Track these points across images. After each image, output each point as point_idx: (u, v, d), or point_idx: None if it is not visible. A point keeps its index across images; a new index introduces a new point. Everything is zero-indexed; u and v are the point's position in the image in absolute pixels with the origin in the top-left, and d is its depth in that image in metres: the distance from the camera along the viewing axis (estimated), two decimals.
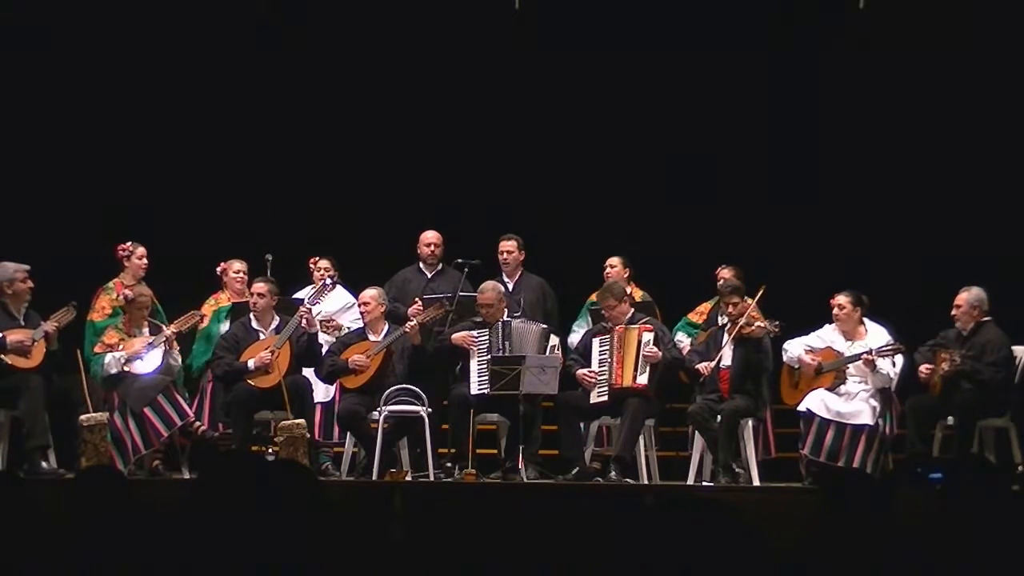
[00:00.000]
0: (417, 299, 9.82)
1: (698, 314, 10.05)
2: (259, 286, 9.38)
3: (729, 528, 3.06)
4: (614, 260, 10.10)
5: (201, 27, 11.47)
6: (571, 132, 11.88)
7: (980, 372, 9.00)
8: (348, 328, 9.80)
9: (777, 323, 9.20)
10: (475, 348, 9.29)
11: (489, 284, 9.58)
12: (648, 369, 9.12)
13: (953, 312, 9.21)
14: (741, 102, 11.73)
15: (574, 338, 9.97)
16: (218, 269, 10.12)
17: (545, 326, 9.52)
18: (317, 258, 10.13)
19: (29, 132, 11.49)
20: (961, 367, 8.97)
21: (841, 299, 9.20)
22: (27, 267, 9.09)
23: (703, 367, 9.19)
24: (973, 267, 9.80)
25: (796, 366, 9.27)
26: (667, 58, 11.64)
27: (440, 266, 10.25)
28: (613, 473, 9.00)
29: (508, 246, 10.15)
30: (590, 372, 9.29)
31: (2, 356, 8.84)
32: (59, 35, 11.42)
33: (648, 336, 9.19)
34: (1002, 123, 11.26)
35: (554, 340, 9.41)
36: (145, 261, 9.66)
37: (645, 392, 9.13)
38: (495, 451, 9.56)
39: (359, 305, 9.48)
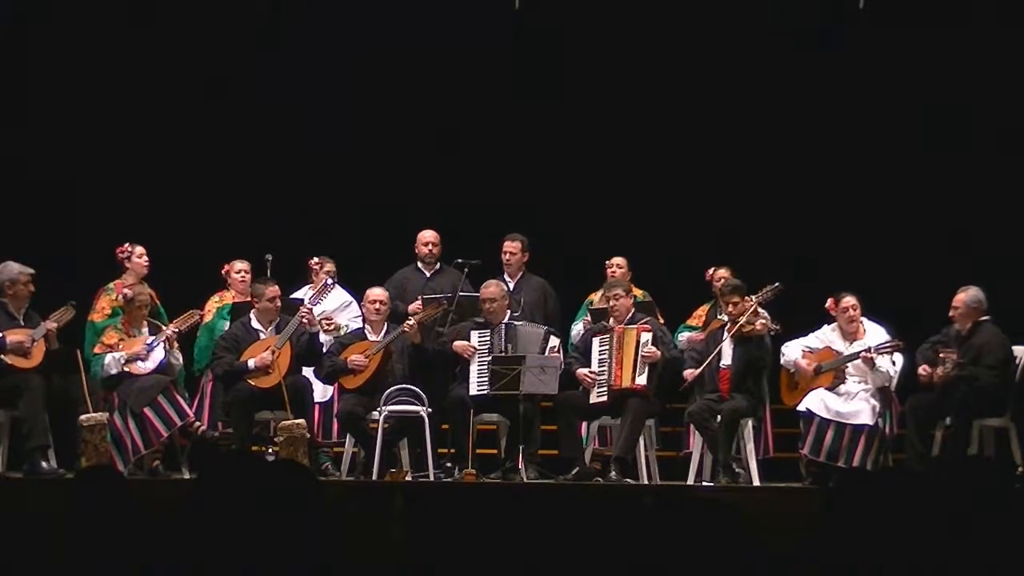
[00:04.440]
0: (420, 297, 9.85)
1: (696, 318, 10.06)
2: (274, 289, 9.35)
3: (729, 528, 3.05)
4: (620, 260, 10.10)
5: (199, 26, 11.46)
6: (571, 132, 11.87)
7: (978, 377, 8.99)
8: (346, 327, 9.80)
9: (777, 325, 9.22)
10: (476, 354, 9.29)
11: (492, 281, 9.61)
12: (647, 369, 9.13)
13: (951, 313, 9.20)
14: (741, 102, 11.72)
15: (576, 331, 9.98)
16: (223, 271, 10.15)
17: (547, 327, 9.51)
18: (320, 259, 10.13)
19: (29, 132, 11.50)
20: (959, 373, 8.96)
21: (852, 300, 9.20)
22: (31, 271, 9.09)
23: (688, 374, 9.19)
24: (973, 267, 9.80)
25: (792, 370, 9.28)
26: (666, 58, 11.64)
27: (438, 265, 10.25)
28: (613, 473, 9.00)
29: (512, 246, 10.14)
30: (590, 372, 9.29)
31: (2, 356, 8.84)
32: (45, 32, 11.44)
33: (646, 336, 9.18)
34: (1002, 123, 11.26)
35: (554, 341, 9.40)
36: (146, 259, 9.67)
37: (644, 392, 9.13)
38: (495, 451, 9.55)
39: (370, 303, 9.46)
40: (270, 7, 11.63)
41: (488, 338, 9.34)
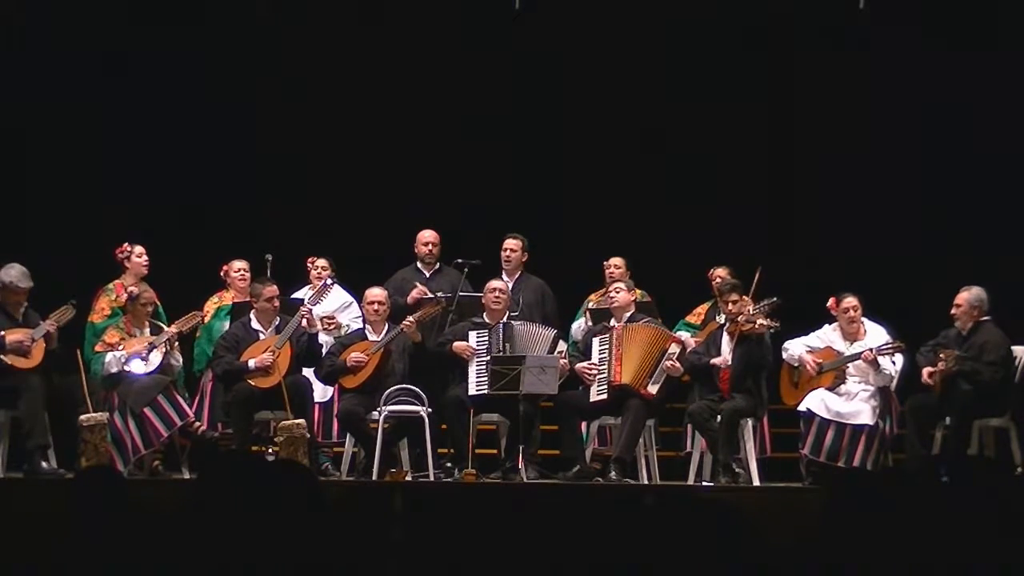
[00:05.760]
0: (417, 283, 9.87)
1: (695, 315, 10.06)
2: (272, 289, 9.35)
3: (729, 528, 3.06)
4: (618, 261, 10.11)
5: (200, 25, 11.47)
6: (571, 132, 11.88)
7: (979, 372, 9.00)
8: (347, 327, 9.80)
9: (777, 323, 9.22)
10: (474, 355, 9.29)
11: (496, 279, 9.64)
12: (663, 379, 9.15)
13: (953, 312, 9.22)
14: (741, 101, 11.72)
15: (575, 327, 9.98)
16: (221, 272, 10.15)
17: (556, 331, 9.52)
18: (315, 258, 10.14)
19: (28, 131, 11.50)
20: (960, 368, 8.97)
21: (853, 300, 9.21)
22: (30, 285, 9.05)
23: (719, 361, 9.16)
24: (973, 267, 9.81)
25: (796, 364, 9.28)
26: (665, 57, 11.65)
27: (438, 265, 10.26)
28: (613, 473, 9.00)
29: (512, 244, 10.16)
30: (590, 365, 9.29)
31: (2, 356, 8.83)
32: (55, 34, 11.43)
33: (676, 349, 9.20)
34: (1002, 123, 11.26)
35: (562, 346, 9.42)
36: (145, 259, 9.67)
37: (651, 399, 9.14)
38: (495, 451, 9.55)
39: (369, 304, 9.46)
40: (269, 6, 11.63)
41: (486, 338, 9.34)
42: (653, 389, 9.15)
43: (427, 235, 10.26)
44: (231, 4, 11.66)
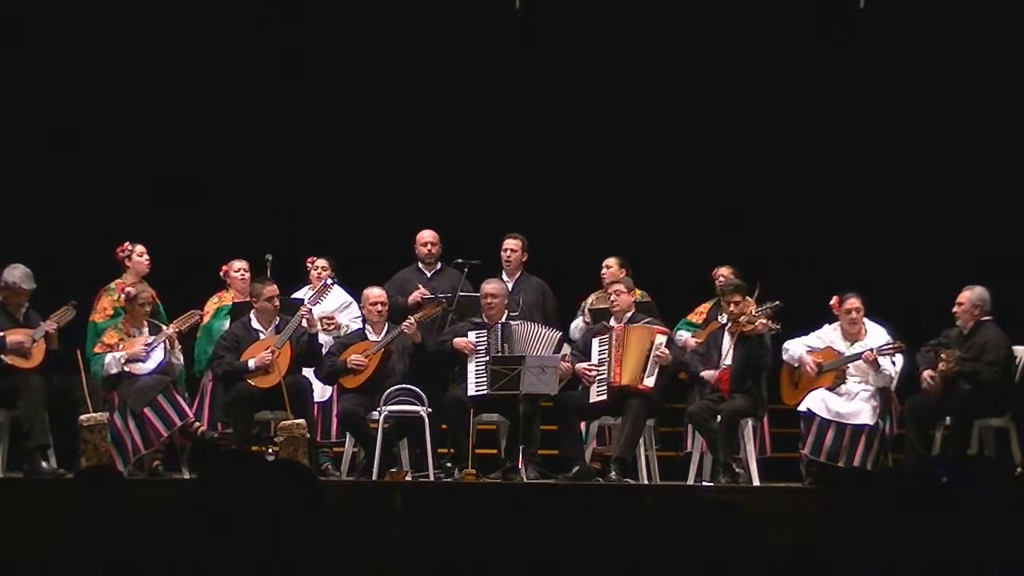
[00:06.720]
0: (420, 285, 9.87)
1: (697, 314, 10.07)
2: (271, 289, 9.35)
3: (729, 528, 3.06)
4: (610, 261, 10.11)
5: (200, 27, 11.47)
6: (571, 132, 11.88)
7: (979, 372, 9.00)
8: (347, 327, 9.80)
9: (777, 324, 9.22)
10: (475, 351, 9.29)
11: (494, 279, 9.63)
12: (656, 371, 9.15)
13: (954, 310, 9.21)
14: (741, 101, 11.72)
15: (575, 326, 9.99)
16: (221, 272, 10.15)
17: (561, 332, 9.52)
18: (314, 258, 10.14)
19: (29, 131, 11.50)
20: (960, 368, 8.97)
21: (856, 302, 9.21)
22: (33, 287, 9.06)
23: (708, 375, 9.18)
24: (973, 267, 9.81)
25: (796, 364, 9.28)
26: (666, 57, 11.65)
27: (439, 265, 10.26)
28: (613, 473, 9.00)
29: (512, 244, 10.16)
30: (589, 366, 9.30)
31: (2, 356, 8.83)
32: (45, 32, 11.42)
33: (662, 339, 9.22)
34: (1002, 122, 11.26)
35: (567, 348, 9.42)
36: (146, 258, 9.68)
37: (648, 394, 9.14)
38: (495, 451, 9.55)
39: (370, 305, 9.45)
40: (269, 7, 11.63)
41: (486, 338, 9.34)
42: (649, 382, 9.15)
43: (426, 235, 10.26)
44: (231, 4, 11.65)
